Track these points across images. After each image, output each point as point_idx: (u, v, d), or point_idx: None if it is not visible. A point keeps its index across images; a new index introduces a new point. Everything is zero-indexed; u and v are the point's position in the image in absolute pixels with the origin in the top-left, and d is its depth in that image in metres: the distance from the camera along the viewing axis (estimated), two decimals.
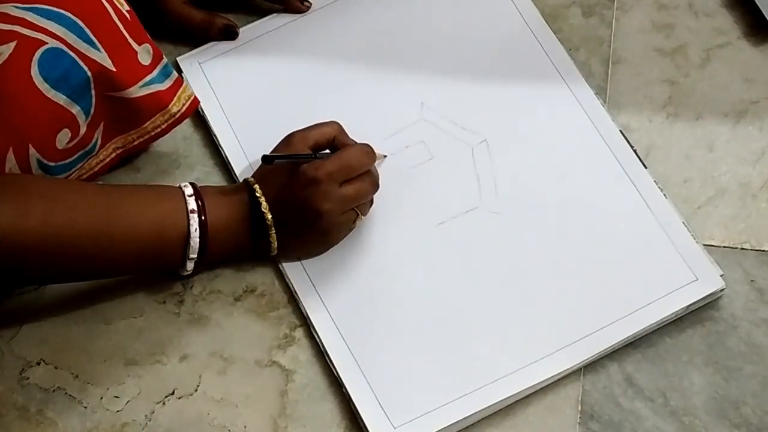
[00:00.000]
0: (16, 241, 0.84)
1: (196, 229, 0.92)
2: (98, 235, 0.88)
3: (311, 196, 0.93)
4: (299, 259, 0.98)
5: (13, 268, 0.87)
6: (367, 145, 0.97)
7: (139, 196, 0.92)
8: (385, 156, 1.02)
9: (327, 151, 0.98)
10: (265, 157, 0.94)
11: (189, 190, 0.93)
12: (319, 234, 0.96)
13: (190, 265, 0.94)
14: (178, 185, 0.94)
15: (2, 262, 0.85)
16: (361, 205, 0.97)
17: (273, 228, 0.95)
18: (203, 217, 0.92)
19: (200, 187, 0.95)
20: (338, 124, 0.99)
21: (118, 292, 0.98)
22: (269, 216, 0.94)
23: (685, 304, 0.95)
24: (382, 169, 1.00)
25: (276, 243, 0.96)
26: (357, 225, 0.98)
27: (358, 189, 0.95)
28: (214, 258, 0.95)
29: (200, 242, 0.92)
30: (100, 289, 0.98)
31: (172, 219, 0.92)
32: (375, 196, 0.99)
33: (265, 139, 1.01)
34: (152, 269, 0.97)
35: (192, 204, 0.92)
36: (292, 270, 0.98)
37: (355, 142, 0.98)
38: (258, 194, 0.94)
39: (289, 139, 0.97)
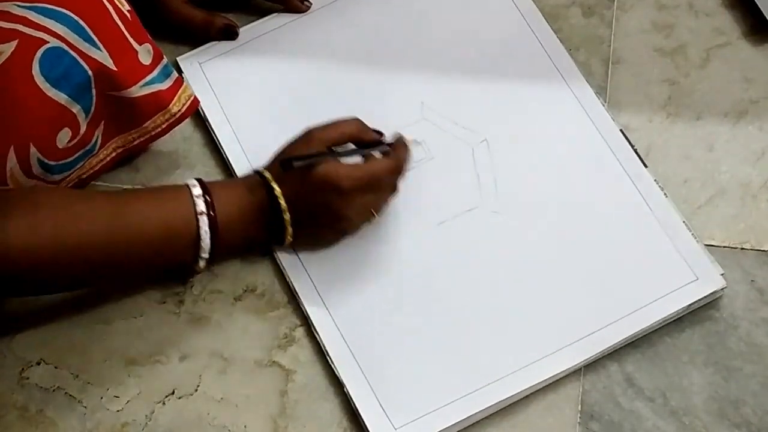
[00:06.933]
0: (27, 255, 0.84)
1: (206, 231, 0.91)
2: (107, 244, 0.88)
3: (333, 202, 0.93)
4: (310, 250, 0.98)
5: (23, 280, 0.86)
6: (399, 159, 0.96)
7: (145, 200, 0.91)
8: (418, 142, 1.01)
9: (350, 145, 0.97)
10: (283, 163, 0.92)
11: (197, 190, 0.92)
12: (334, 233, 0.97)
13: (202, 264, 0.94)
14: (185, 183, 0.93)
15: (14, 275, 0.85)
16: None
17: (290, 225, 0.94)
18: (212, 213, 0.92)
19: (208, 182, 0.94)
20: (358, 120, 0.98)
21: (118, 292, 0.98)
22: (287, 216, 0.94)
23: (686, 304, 0.95)
24: None
25: (291, 237, 0.95)
26: (372, 223, 0.98)
27: (380, 198, 0.96)
28: (224, 253, 0.95)
29: (211, 242, 0.92)
30: (100, 289, 0.98)
31: (181, 221, 0.91)
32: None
33: (265, 140, 1.01)
34: (164, 270, 0.97)
35: (201, 205, 0.91)
36: (292, 270, 0.98)
37: (378, 136, 0.98)
38: (277, 193, 0.93)
39: (308, 138, 0.95)
